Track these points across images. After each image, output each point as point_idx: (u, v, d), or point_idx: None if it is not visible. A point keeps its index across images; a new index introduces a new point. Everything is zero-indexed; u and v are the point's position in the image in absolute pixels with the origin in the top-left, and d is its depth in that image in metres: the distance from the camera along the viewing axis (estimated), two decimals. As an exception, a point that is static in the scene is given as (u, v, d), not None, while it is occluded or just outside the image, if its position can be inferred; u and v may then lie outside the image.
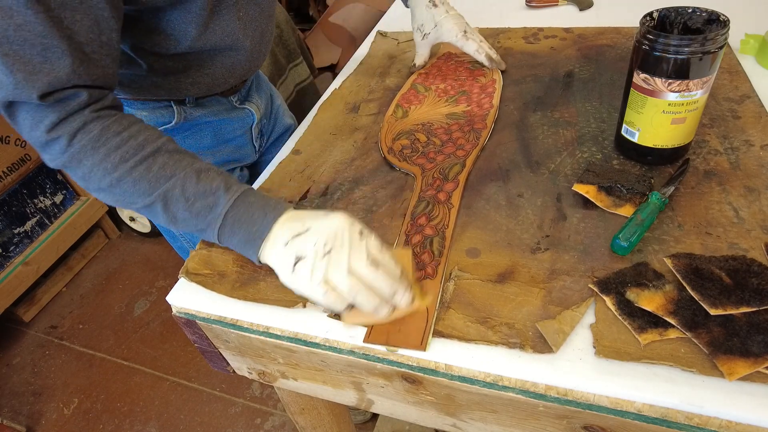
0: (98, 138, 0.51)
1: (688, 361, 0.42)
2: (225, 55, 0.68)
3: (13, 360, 1.73)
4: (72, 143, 0.50)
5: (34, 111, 0.49)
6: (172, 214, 0.53)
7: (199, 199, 0.52)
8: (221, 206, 0.52)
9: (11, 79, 0.46)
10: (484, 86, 0.82)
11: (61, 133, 0.50)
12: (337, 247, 0.47)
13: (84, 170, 0.52)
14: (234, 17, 0.65)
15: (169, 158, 0.53)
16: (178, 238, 0.90)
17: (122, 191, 0.52)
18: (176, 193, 0.52)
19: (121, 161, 0.51)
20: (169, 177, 0.52)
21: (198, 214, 0.52)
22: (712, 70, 0.54)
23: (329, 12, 2.32)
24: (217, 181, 0.53)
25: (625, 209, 0.56)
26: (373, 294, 0.47)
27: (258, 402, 1.47)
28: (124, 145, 0.51)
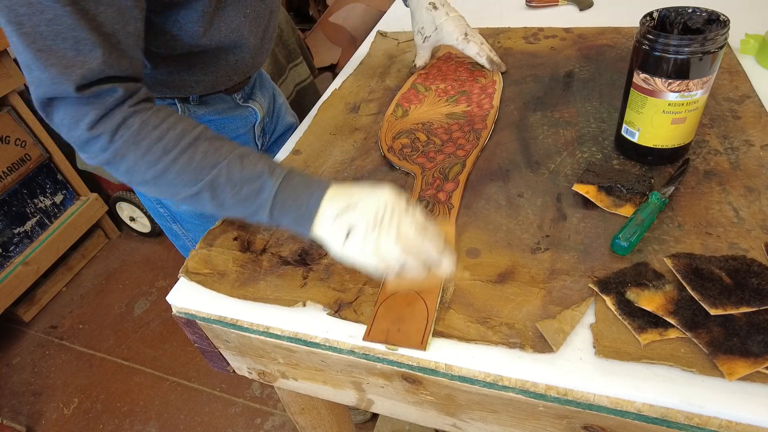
0: (139, 132, 0.51)
1: (688, 361, 0.42)
2: (229, 52, 0.68)
3: (13, 360, 1.73)
4: (114, 139, 0.51)
5: (74, 108, 0.49)
6: (220, 201, 0.53)
7: (246, 185, 0.53)
8: (268, 190, 0.52)
9: (47, 74, 0.46)
10: (485, 87, 0.82)
11: (102, 130, 0.50)
12: (386, 219, 0.49)
13: (128, 165, 0.52)
14: (240, 14, 0.65)
15: (209, 146, 0.53)
16: (180, 236, 0.90)
17: (167, 182, 0.53)
18: (222, 180, 0.52)
19: (164, 153, 0.52)
20: (213, 165, 0.52)
21: (246, 200, 0.53)
22: (712, 70, 0.54)
23: (329, 12, 2.32)
24: (260, 165, 0.53)
25: (625, 209, 0.56)
26: (421, 259, 0.49)
27: (258, 402, 1.47)
28: (165, 137, 0.52)
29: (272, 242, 0.62)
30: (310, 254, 0.59)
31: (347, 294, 0.54)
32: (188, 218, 0.85)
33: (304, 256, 0.59)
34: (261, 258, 0.60)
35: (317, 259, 0.59)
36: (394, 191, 0.50)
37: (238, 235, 0.64)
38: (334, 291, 0.54)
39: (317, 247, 0.60)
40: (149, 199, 0.85)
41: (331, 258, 0.58)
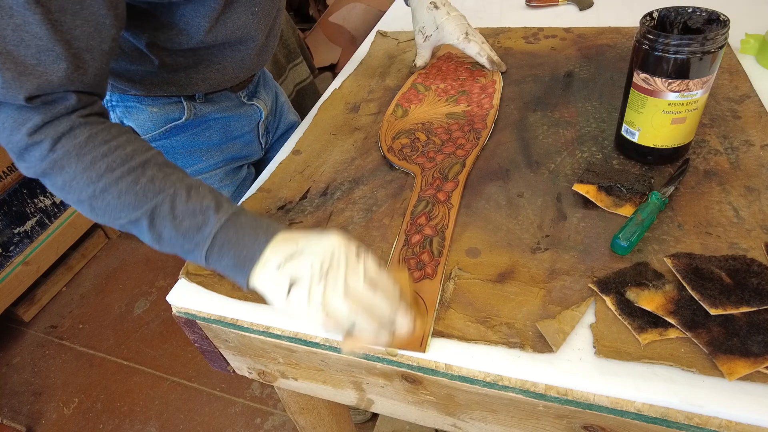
0: (84, 144, 0.48)
1: (688, 360, 0.42)
2: (235, 48, 0.68)
3: (13, 360, 1.73)
4: (55, 148, 0.47)
5: (17, 113, 0.46)
6: (158, 232, 0.49)
7: (188, 218, 0.48)
8: (210, 226, 0.48)
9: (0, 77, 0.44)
10: (485, 86, 0.82)
11: (44, 136, 0.47)
12: (333, 269, 0.44)
13: (65, 178, 0.48)
14: (248, 11, 0.65)
15: (158, 171, 0.49)
16: None
17: (105, 204, 0.48)
18: (165, 209, 0.48)
19: (108, 170, 0.47)
20: (158, 191, 0.48)
21: (185, 235, 0.48)
22: (712, 70, 0.54)
23: (329, 12, 2.32)
24: (207, 200, 0.49)
25: (625, 209, 0.56)
26: (373, 317, 0.44)
27: (258, 402, 1.47)
28: (112, 154, 0.48)
29: (272, 242, 0.62)
30: (310, 254, 0.59)
31: (347, 294, 0.54)
32: None
33: (304, 256, 0.59)
34: (261, 258, 0.60)
35: (317, 258, 0.58)
36: (343, 238, 0.46)
37: (238, 234, 0.64)
38: (334, 291, 0.54)
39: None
40: None
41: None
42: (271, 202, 0.69)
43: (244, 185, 0.86)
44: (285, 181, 0.72)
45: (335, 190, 0.68)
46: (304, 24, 2.82)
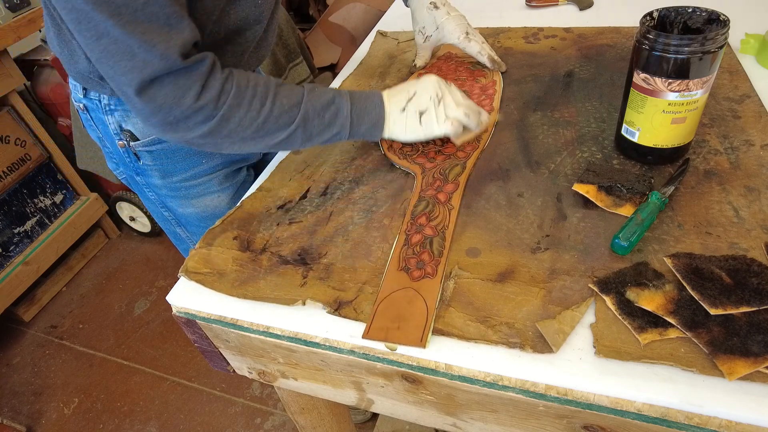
0: (237, 95, 0.57)
1: (688, 360, 0.42)
2: (236, 42, 0.69)
3: (13, 359, 1.73)
4: (218, 106, 0.56)
5: (177, 84, 0.53)
6: (309, 133, 0.61)
7: (326, 111, 0.61)
8: (345, 108, 0.62)
9: (155, 52, 0.50)
10: (485, 87, 0.82)
11: (207, 99, 0.55)
12: (442, 95, 0.64)
13: (231, 127, 0.58)
14: (252, 3, 0.66)
15: (285, 89, 0.60)
16: (184, 240, 0.90)
17: (267, 131, 0.59)
18: (310, 113, 0.60)
19: (261, 106, 0.58)
20: (298, 103, 0.60)
21: (330, 123, 0.62)
22: (712, 70, 0.54)
23: (329, 12, 2.32)
24: (327, 92, 0.62)
25: (625, 209, 0.56)
26: (473, 114, 0.66)
27: (258, 402, 1.47)
28: (257, 93, 0.58)
29: (272, 241, 0.62)
30: (309, 253, 0.59)
31: (347, 293, 0.54)
32: (194, 221, 0.85)
33: (304, 256, 0.59)
34: (260, 257, 0.60)
35: (317, 258, 0.59)
36: (435, 76, 0.65)
37: (237, 234, 0.64)
38: (333, 290, 0.54)
39: (317, 246, 0.60)
40: (153, 203, 0.85)
41: (331, 257, 0.58)
42: (271, 202, 0.69)
43: (243, 187, 0.86)
44: (285, 181, 0.72)
45: (335, 190, 0.68)
46: (304, 24, 2.81)
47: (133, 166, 0.78)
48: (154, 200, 0.84)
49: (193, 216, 0.85)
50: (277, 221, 0.65)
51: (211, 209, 0.84)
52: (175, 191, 0.81)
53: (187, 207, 0.83)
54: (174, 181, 0.79)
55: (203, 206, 0.83)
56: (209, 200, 0.83)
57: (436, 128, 0.64)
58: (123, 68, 0.51)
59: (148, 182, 0.81)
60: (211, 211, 0.84)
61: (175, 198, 0.82)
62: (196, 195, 0.82)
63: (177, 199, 0.82)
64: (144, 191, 0.83)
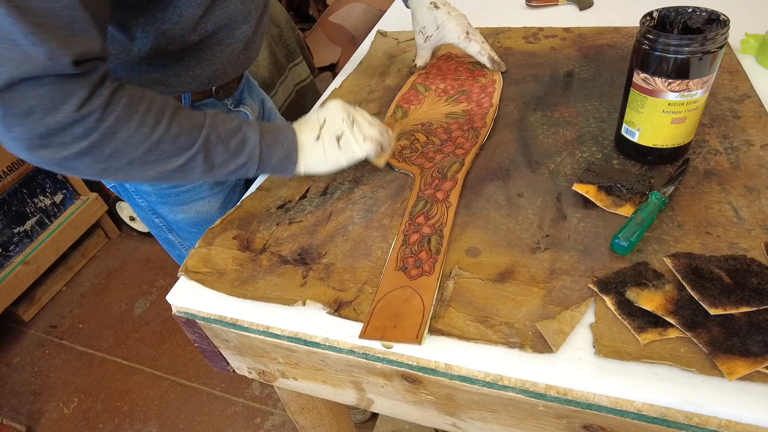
0: (128, 106, 0.50)
1: (687, 360, 0.42)
2: (224, 42, 0.68)
3: (13, 359, 1.73)
4: (104, 117, 0.48)
5: (55, 89, 0.45)
6: (211, 161, 0.55)
7: (231, 138, 0.56)
8: (253, 137, 0.57)
9: (43, 48, 0.42)
10: (484, 86, 0.82)
11: (93, 108, 0.47)
12: (354, 115, 0.62)
13: (117, 144, 0.50)
14: (238, 1, 0.65)
15: (186, 111, 0.55)
16: (176, 246, 0.90)
17: (160, 153, 0.52)
18: (213, 137, 0.55)
19: (156, 122, 0.51)
20: (200, 126, 0.54)
21: (236, 152, 0.57)
22: (712, 70, 0.54)
23: (329, 11, 2.32)
24: (233, 120, 0.58)
25: (625, 209, 0.56)
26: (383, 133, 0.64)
27: (258, 401, 1.47)
28: (153, 108, 0.51)
29: (272, 241, 0.62)
30: (309, 253, 0.59)
31: (347, 293, 0.54)
32: (185, 227, 0.85)
33: (304, 256, 0.59)
34: (260, 257, 0.60)
35: (317, 258, 0.59)
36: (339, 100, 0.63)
37: (237, 234, 0.64)
38: (333, 290, 0.54)
39: (317, 246, 0.60)
40: (143, 209, 0.84)
41: (331, 257, 0.58)
42: (271, 201, 0.69)
43: (234, 192, 0.86)
44: (285, 180, 0.72)
45: (335, 190, 0.68)
46: (304, 24, 2.81)
47: None
48: (144, 207, 0.83)
49: (183, 222, 0.84)
50: (276, 221, 0.65)
51: (202, 214, 0.83)
52: (165, 197, 0.80)
53: (178, 213, 0.83)
54: (163, 188, 0.78)
55: (194, 212, 0.83)
56: (200, 206, 0.82)
57: (357, 150, 0.62)
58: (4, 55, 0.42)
59: (137, 189, 0.80)
60: (202, 217, 0.84)
61: (165, 204, 0.81)
62: (186, 201, 0.81)
63: (167, 205, 0.81)
64: (134, 198, 0.82)
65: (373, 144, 0.62)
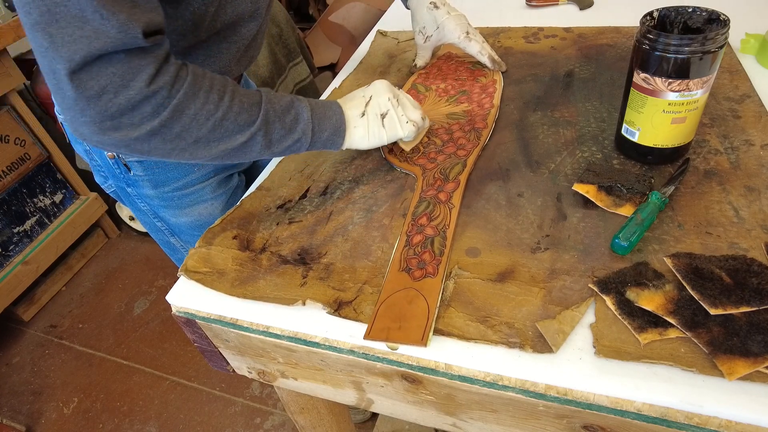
0: (193, 83, 0.50)
1: (688, 360, 0.42)
2: (230, 39, 0.68)
3: (12, 359, 1.73)
4: (172, 93, 0.48)
5: (127, 65, 0.45)
6: (269, 137, 0.56)
7: (286, 115, 0.57)
8: (305, 113, 0.59)
9: (113, 22, 0.42)
10: (485, 86, 0.82)
11: (162, 83, 0.47)
12: (399, 98, 0.64)
13: (185, 121, 0.50)
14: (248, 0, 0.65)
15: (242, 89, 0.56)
16: (179, 250, 0.90)
17: (224, 131, 0.53)
18: (271, 114, 0.56)
19: (219, 100, 0.52)
20: (258, 103, 0.55)
21: (291, 128, 0.58)
22: (712, 70, 0.54)
23: (329, 11, 2.32)
24: (285, 97, 0.59)
25: (625, 209, 0.56)
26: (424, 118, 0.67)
27: (258, 401, 1.47)
28: (215, 85, 0.52)
29: (272, 241, 0.62)
30: (309, 253, 0.59)
31: (347, 293, 0.54)
32: (187, 230, 0.85)
33: (304, 255, 0.59)
34: (260, 257, 0.60)
35: (317, 258, 0.58)
36: (385, 80, 0.65)
37: (237, 233, 0.64)
38: (333, 290, 0.54)
39: (317, 245, 0.60)
40: (145, 214, 0.84)
41: (331, 257, 0.58)
42: (271, 201, 0.69)
43: (236, 194, 0.86)
44: (285, 180, 0.72)
45: (335, 190, 0.68)
46: (304, 23, 2.82)
47: (123, 178, 0.77)
48: (146, 211, 0.83)
49: (186, 225, 0.84)
50: (276, 221, 0.65)
51: (204, 217, 0.83)
52: (168, 201, 0.80)
53: (180, 216, 0.82)
54: (166, 191, 0.78)
55: (197, 215, 0.83)
56: (202, 208, 0.82)
57: (400, 130, 0.64)
58: (66, 37, 0.41)
59: (139, 193, 0.79)
60: (204, 219, 0.83)
61: (167, 208, 0.81)
62: (189, 204, 0.81)
63: (170, 209, 0.81)
64: (135, 202, 0.81)
65: (415, 128, 0.65)
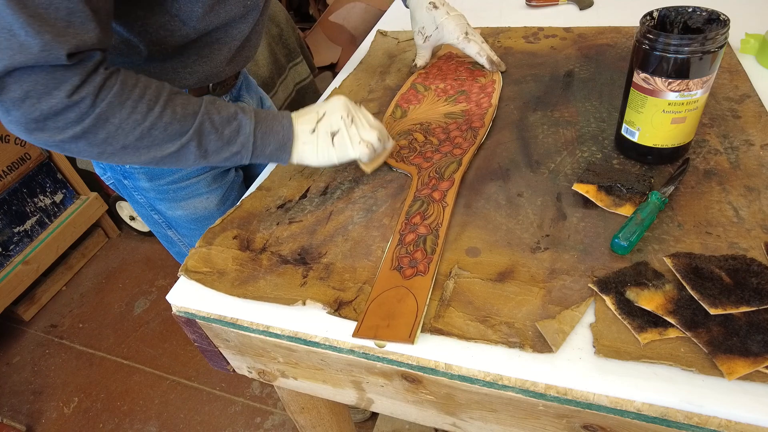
0: (120, 92, 0.51)
1: (687, 360, 0.42)
2: (222, 41, 0.68)
3: (13, 359, 1.73)
4: (96, 103, 0.49)
5: (49, 77, 0.47)
6: (204, 148, 0.56)
7: (226, 126, 0.56)
8: (248, 126, 0.58)
9: (38, 40, 0.44)
10: (484, 86, 0.82)
11: (84, 94, 0.48)
12: (354, 115, 0.62)
13: (109, 129, 0.51)
14: (240, 4, 0.65)
15: (182, 98, 0.55)
16: (176, 243, 0.90)
17: (152, 139, 0.53)
18: (206, 126, 0.55)
19: (149, 109, 0.52)
20: (194, 113, 0.55)
21: (229, 140, 0.57)
22: (712, 70, 0.54)
23: (329, 11, 2.32)
24: (230, 108, 0.58)
25: (625, 209, 0.56)
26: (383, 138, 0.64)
27: (258, 401, 1.47)
28: (145, 94, 0.52)
29: (272, 241, 0.62)
30: (309, 253, 0.59)
31: (347, 293, 0.54)
32: (184, 223, 0.85)
33: (304, 255, 0.59)
34: (260, 257, 0.60)
35: (317, 258, 0.59)
36: (344, 96, 0.63)
37: (237, 233, 0.64)
38: (333, 290, 0.54)
39: (317, 245, 0.60)
40: (142, 206, 0.84)
41: (331, 257, 0.58)
42: (271, 201, 0.69)
43: (232, 188, 0.86)
44: (285, 180, 0.72)
45: (335, 190, 0.68)
46: (304, 23, 2.82)
47: (120, 170, 0.78)
48: (143, 203, 0.83)
49: (182, 218, 0.84)
50: (277, 221, 0.65)
51: (200, 211, 0.83)
52: (164, 194, 0.80)
53: (176, 210, 0.83)
54: (161, 184, 0.79)
55: (192, 208, 0.83)
56: (198, 202, 0.82)
57: (351, 151, 0.62)
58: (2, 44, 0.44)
59: (135, 185, 0.80)
60: (200, 213, 0.84)
61: (163, 201, 0.81)
62: (184, 197, 0.81)
63: (165, 201, 0.81)
64: (132, 195, 0.82)
65: (369, 149, 0.62)
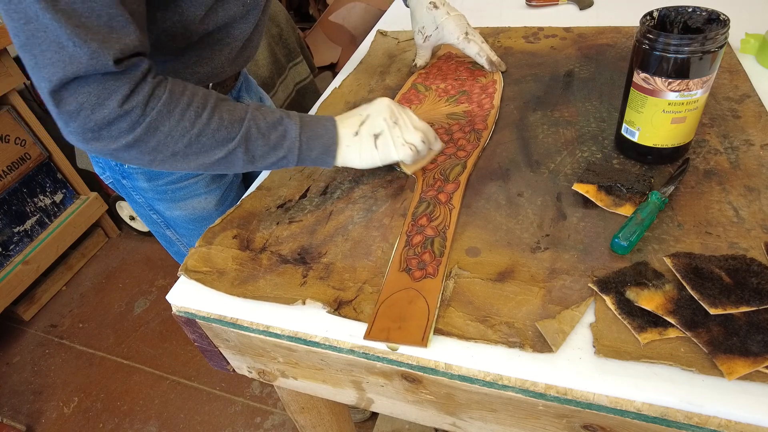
0: (169, 101, 0.52)
1: (687, 360, 0.42)
2: (223, 41, 0.68)
3: (13, 359, 1.73)
4: (146, 111, 0.51)
5: (100, 86, 0.48)
6: (251, 154, 0.57)
7: (272, 132, 0.57)
8: (293, 131, 0.58)
9: (85, 49, 0.45)
10: (485, 86, 0.82)
11: (134, 104, 0.50)
12: (398, 117, 0.61)
13: (159, 137, 0.52)
14: (240, 3, 0.65)
15: (229, 104, 0.56)
16: (174, 242, 0.90)
17: (200, 146, 0.54)
18: (253, 131, 0.56)
19: (196, 117, 0.53)
20: (241, 120, 0.56)
21: (275, 145, 0.58)
22: (712, 70, 0.54)
23: (329, 11, 2.32)
24: (276, 113, 0.59)
25: (625, 208, 0.56)
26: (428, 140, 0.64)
27: (258, 401, 1.47)
28: (193, 102, 0.53)
29: (272, 240, 0.62)
30: (309, 253, 0.59)
31: (347, 292, 0.54)
32: (182, 223, 0.85)
33: (304, 255, 0.59)
34: (260, 256, 0.60)
35: (317, 257, 0.59)
36: (387, 98, 0.62)
37: (237, 233, 0.64)
38: (333, 289, 0.54)
39: (317, 245, 0.60)
40: (141, 206, 0.84)
41: (331, 257, 0.58)
42: (271, 201, 0.69)
43: (230, 189, 0.86)
44: (285, 180, 0.72)
45: (335, 189, 0.68)
46: (304, 23, 2.82)
47: (118, 170, 0.78)
48: (142, 203, 0.83)
49: (181, 218, 0.84)
50: (276, 220, 0.65)
51: (198, 211, 0.83)
52: (162, 194, 0.80)
53: (175, 210, 0.83)
54: (160, 184, 0.79)
55: (191, 208, 0.83)
56: (196, 202, 0.83)
57: (394, 153, 0.61)
58: (46, 60, 0.46)
59: (134, 185, 0.80)
60: (199, 213, 0.84)
61: (162, 201, 0.81)
62: (183, 197, 0.81)
63: (164, 201, 0.81)
64: (131, 194, 0.82)
65: (413, 151, 0.61)
